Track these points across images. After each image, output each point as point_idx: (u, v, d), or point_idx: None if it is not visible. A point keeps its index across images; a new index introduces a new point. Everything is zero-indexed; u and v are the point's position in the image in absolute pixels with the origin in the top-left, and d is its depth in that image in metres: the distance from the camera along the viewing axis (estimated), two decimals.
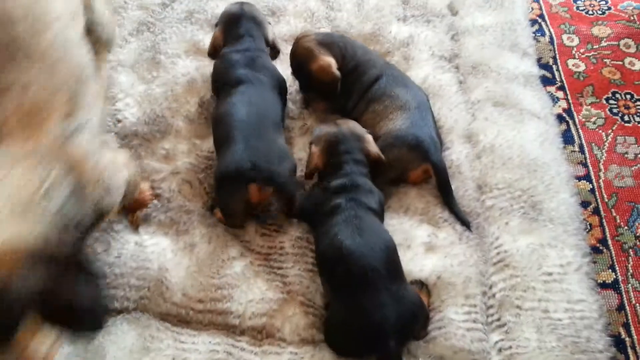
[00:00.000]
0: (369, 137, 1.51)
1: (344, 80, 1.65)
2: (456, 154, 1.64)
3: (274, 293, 1.37)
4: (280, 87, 1.64)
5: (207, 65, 1.76)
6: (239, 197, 1.40)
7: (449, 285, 1.37)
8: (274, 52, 1.76)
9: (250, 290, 1.37)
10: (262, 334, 1.32)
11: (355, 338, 1.25)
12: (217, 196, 1.49)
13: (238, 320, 1.33)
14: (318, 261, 1.39)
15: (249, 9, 1.71)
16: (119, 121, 1.70)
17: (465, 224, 1.50)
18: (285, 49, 1.82)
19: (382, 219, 1.45)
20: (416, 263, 1.41)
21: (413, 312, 1.26)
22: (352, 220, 1.33)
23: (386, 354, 1.21)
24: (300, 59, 1.67)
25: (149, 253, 1.42)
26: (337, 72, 1.63)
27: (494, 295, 1.40)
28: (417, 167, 1.54)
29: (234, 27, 1.67)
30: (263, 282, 1.39)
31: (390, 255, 1.30)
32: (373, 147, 1.50)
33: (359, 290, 1.24)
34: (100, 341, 1.28)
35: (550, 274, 1.42)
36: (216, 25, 1.73)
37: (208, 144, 1.64)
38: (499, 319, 1.36)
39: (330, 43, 1.67)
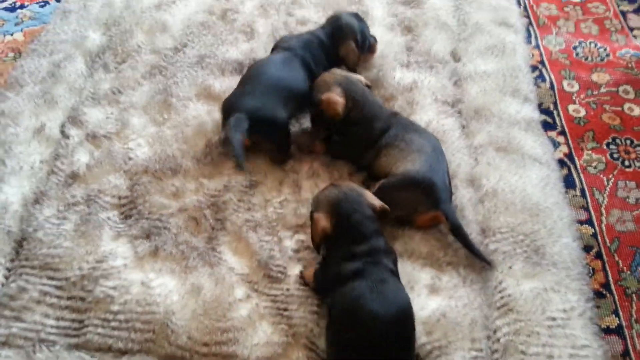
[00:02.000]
0: (368, 192, 1.49)
1: (351, 130, 1.69)
2: (460, 198, 1.66)
3: (279, 336, 1.38)
4: None
5: (217, 110, 1.81)
6: None
7: (455, 325, 1.38)
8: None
9: (255, 333, 1.38)
10: None
11: None
12: None
13: None
14: (330, 322, 1.35)
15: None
16: (130, 159, 1.74)
17: (487, 262, 1.52)
18: None
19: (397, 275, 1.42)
20: (419, 302, 1.42)
21: None
22: (377, 286, 1.29)
23: None
24: (316, 88, 1.73)
25: (156, 296, 1.44)
26: (340, 111, 1.67)
27: (498, 340, 1.40)
28: (426, 211, 1.57)
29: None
30: (268, 325, 1.40)
31: (408, 324, 1.29)
32: (376, 200, 1.47)
33: (368, 355, 1.23)
34: None
35: (554, 319, 1.43)
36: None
37: (214, 184, 1.68)
38: None
39: (347, 87, 1.71)
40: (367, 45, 1.98)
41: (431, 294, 1.46)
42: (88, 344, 1.37)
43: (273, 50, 1.91)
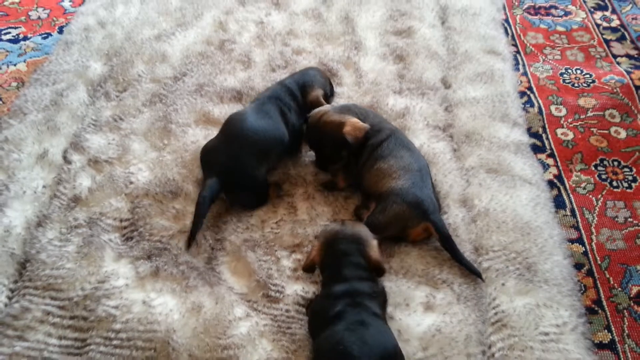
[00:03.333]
0: (374, 243, 1.48)
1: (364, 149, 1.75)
2: (453, 218, 1.71)
3: (279, 353, 1.40)
4: None
5: (214, 135, 1.87)
6: None
7: (450, 340, 1.41)
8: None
9: (255, 350, 1.41)
10: None
11: None
12: None
13: None
14: None
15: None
16: (131, 182, 1.78)
17: (477, 274, 1.56)
18: None
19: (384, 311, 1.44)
20: (415, 319, 1.46)
21: None
22: (356, 328, 1.29)
23: None
24: (329, 130, 1.75)
25: (157, 314, 1.46)
26: (366, 125, 1.75)
27: (493, 355, 1.43)
28: (416, 224, 1.62)
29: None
30: (268, 342, 1.42)
31: None
32: (374, 253, 1.46)
33: None
34: None
35: (547, 334, 1.46)
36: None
37: (214, 206, 1.72)
38: None
39: (347, 110, 1.81)
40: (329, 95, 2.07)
41: (426, 310, 1.50)
42: None
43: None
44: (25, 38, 2.51)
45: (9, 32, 2.54)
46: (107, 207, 1.72)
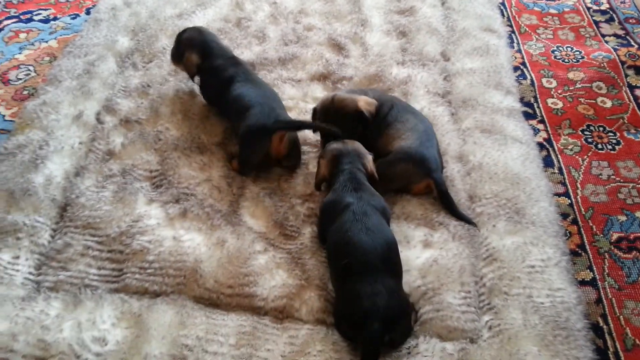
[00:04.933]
0: (369, 157, 1.77)
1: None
2: (450, 171, 1.89)
3: (293, 280, 1.58)
4: None
5: None
6: (261, 149, 1.82)
7: (446, 270, 1.59)
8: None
9: (272, 278, 1.59)
10: (282, 314, 1.53)
11: (349, 320, 1.44)
12: (241, 149, 1.85)
13: (262, 302, 1.54)
14: (328, 254, 1.61)
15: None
16: (160, 139, 1.97)
17: (472, 223, 1.74)
18: (302, 91, 2.18)
19: (388, 222, 1.66)
20: (415, 253, 1.64)
21: (400, 308, 1.44)
22: (361, 218, 1.54)
23: (369, 336, 1.37)
24: (345, 108, 1.88)
25: (186, 248, 1.64)
26: (374, 100, 1.91)
27: (484, 285, 1.60)
28: (420, 181, 1.80)
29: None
30: (284, 272, 1.60)
31: (391, 253, 1.51)
32: (370, 165, 1.75)
33: (358, 279, 1.44)
34: (144, 317, 1.48)
35: (533, 266, 1.63)
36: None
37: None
38: (489, 304, 1.56)
39: (356, 91, 1.99)
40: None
41: (425, 247, 1.67)
42: (127, 288, 1.58)
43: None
44: (55, 18, 2.71)
45: (40, 13, 2.74)
46: (139, 159, 1.90)
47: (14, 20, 2.69)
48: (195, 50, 2.02)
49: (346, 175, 1.68)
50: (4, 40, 2.57)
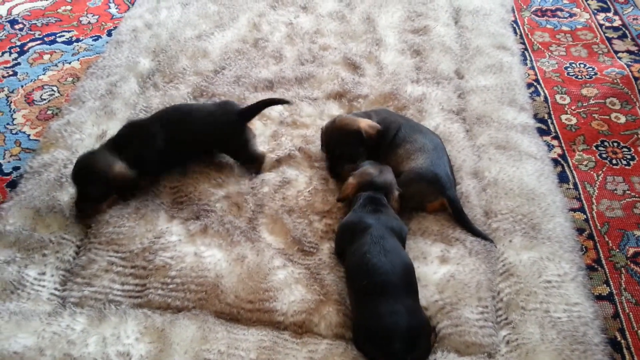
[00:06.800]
0: (396, 194, 1.79)
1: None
2: (465, 187, 1.91)
3: (312, 295, 1.61)
4: None
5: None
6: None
7: (463, 285, 1.60)
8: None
9: (292, 293, 1.61)
10: (302, 329, 1.56)
11: (370, 340, 1.46)
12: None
13: (282, 317, 1.57)
14: (347, 274, 1.63)
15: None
16: None
17: (487, 238, 1.76)
18: (318, 109, 2.23)
19: (403, 243, 1.68)
20: (432, 268, 1.66)
21: (421, 327, 1.47)
22: (379, 241, 1.57)
23: (391, 355, 1.40)
24: (345, 129, 1.94)
25: (207, 263, 1.68)
26: (378, 125, 1.95)
27: (501, 300, 1.62)
28: (434, 200, 1.82)
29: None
30: (302, 287, 1.63)
31: (408, 275, 1.54)
32: (395, 202, 1.78)
33: (378, 299, 1.46)
34: (167, 332, 1.52)
35: (549, 281, 1.65)
36: None
37: (253, 181, 1.96)
38: (506, 318, 1.58)
39: (361, 114, 2.03)
40: None
41: (442, 263, 1.69)
42: (150, 303, 1.62)
43: None
44: (78, 40, 2.79)
45: (63, 35, 2.83)
46: (160, 177, 1.95)
47: (38, 42, 2.78)
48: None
49: (367, 197, 1.72)
50: (28, 61, 2.65)
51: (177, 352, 1.47)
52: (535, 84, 2.48)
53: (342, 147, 1.95)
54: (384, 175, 1.79)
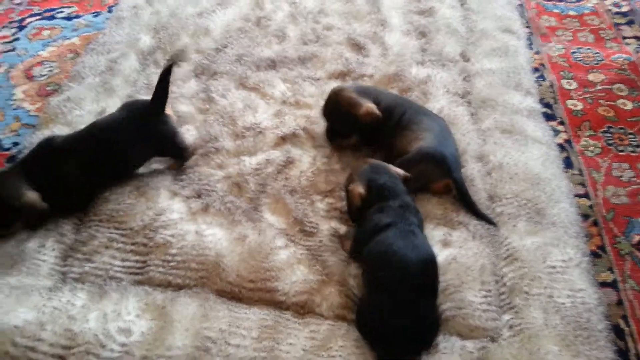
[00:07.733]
0: (390, 165, 1.73)
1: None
2: (470, 171, 1.89)
3: (314, 276, 1.59)
4: None
5: (253, 98, 2.07)
6: None
7: (466, 269, 1.59)
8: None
9: (293, 273, 1.60)
10: (303, 309, 1.54)
11: (377, 332, 1.44)
12: None
13: (284, 297, 1.55)
14: (366, 263, 1.57)
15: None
16: None
17: (492, 222, 1.74)
18: (321, 89, 2.19)
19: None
20: (434, 251, 1.63)
21: (430, 327, 1.45)
22: (408, 235, 1.51)
23: (392, 352, 1.40)
24: (344, 107, 1.91)
25: (208, 242, 1.66)
26: (379, 113, 1.90)
27: (505, 284, 1.60)
28: (439, 180, 1.80)
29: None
30: (304, 267, 1.62)
31: (432, 272, 1.50)
32: (399, 170, 1.72)
33: (396, 293, 1.43)
34: (168, 309, 1.50)
35: (553, 267, 1.63)
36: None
37: (255, 159, 1.93)
38: (509, 303, 1.56)
39: (365, 92, 1.96)
40: None
41: (444, 246, 1.67)
42: (151, 280, 1.60)
43: None
44: (78, 16, 2.75)
45: (63, 11, 2.78)
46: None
47: (37, 17, 2.73)
48: None
49: (386, 188, 1.63)
50: (27, 37, 2.61)
51: (178, 330, 1.46)
52: (541, 69, 2.45)
53: (337, 122, 1.94)
54: (374, 162, 1.72)
